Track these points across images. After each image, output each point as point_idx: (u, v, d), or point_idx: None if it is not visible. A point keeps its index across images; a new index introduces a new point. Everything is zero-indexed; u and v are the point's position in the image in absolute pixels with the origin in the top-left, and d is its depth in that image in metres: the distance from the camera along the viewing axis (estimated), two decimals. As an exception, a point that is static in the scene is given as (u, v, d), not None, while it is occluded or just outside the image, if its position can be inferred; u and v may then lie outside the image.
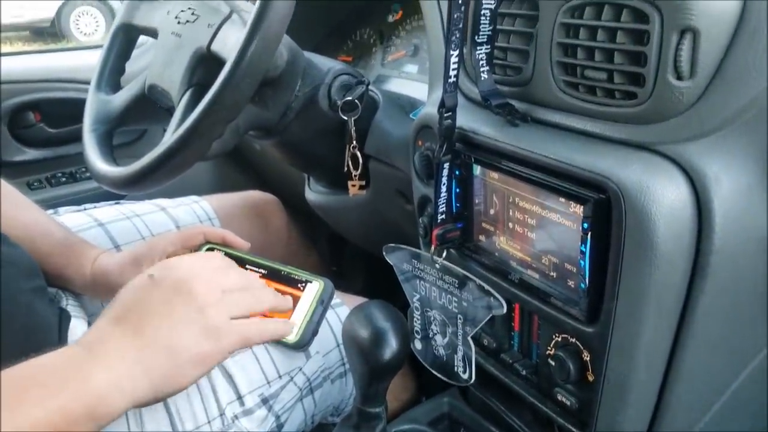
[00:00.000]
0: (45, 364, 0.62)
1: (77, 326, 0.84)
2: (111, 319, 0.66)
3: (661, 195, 0.60)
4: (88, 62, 1.58)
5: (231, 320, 0.68)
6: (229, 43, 0.84)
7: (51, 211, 1.08)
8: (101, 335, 0.65)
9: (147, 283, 0.69)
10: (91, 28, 8.59)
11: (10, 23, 8.49)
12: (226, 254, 0.88)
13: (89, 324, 0.87)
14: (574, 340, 0.71)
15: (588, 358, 0.70)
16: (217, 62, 0.82)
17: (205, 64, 0.88)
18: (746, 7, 0.59)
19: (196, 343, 0.66)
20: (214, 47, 0.86)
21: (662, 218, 0.60)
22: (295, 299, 0.82)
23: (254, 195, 1.37)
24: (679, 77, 0.61)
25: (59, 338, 0.79)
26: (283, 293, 0.83)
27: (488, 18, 0.76)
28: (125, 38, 1.04)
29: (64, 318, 0.83)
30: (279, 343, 0.80)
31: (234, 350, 0.68)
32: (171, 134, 0.82)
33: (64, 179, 1.68)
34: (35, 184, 1.65)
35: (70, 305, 0.89)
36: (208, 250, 0.89)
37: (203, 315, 0.67)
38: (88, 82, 1.04)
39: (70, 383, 0.60)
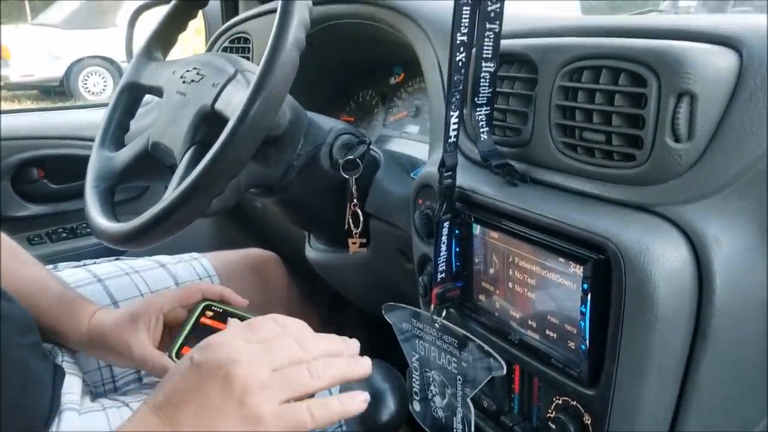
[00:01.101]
0: None
1: (72, 383, 0.82)
2: (151, 408, 0.60)
3: (661, 256, 0.60)
4: (92, 120, 1.60)
5: (280, 405, 0.59)
6: (233, 102, 0.85)
7: (51, 266, 1.08)
8: (139, 424, 0.60)
9: (187, 367, 0.61)
10: (99, 87, 8.75)
11: (19, 82, 8.66)
12: (224, 312, 0.88)
13: (85, 382, 0.86)
14: (574, 402, 0.70)
15: (589, 422, 0.69)
16: (221, 121, 0.83)
17: (209, 122, 0.88)
18: (743, 70, 0.61)
19: None
20: (218, 106, 0.87)
21: (662, 279, 0.60)
22: None
23: (254, 253, 1.37)
24: (677, 140, 0.61)
25: (53, 395, 0.78)
26: None
27: (488, 80, 0.77)
28: (131, 96, 1.05)
29: (58, 374, 0.82)
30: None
31: None
32: (172, 191, 0.82)
33: (64, 235, 1.68)
34: (36, 239, 1.64)
35: (65, 362, 0.88)
36: (205, 308, 0.89)
37: (243, 404, 0.58)
38: (92, 140, 1.04)
39: None
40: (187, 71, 0.94)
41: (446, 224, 0.79)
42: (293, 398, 0.60)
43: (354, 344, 0.68)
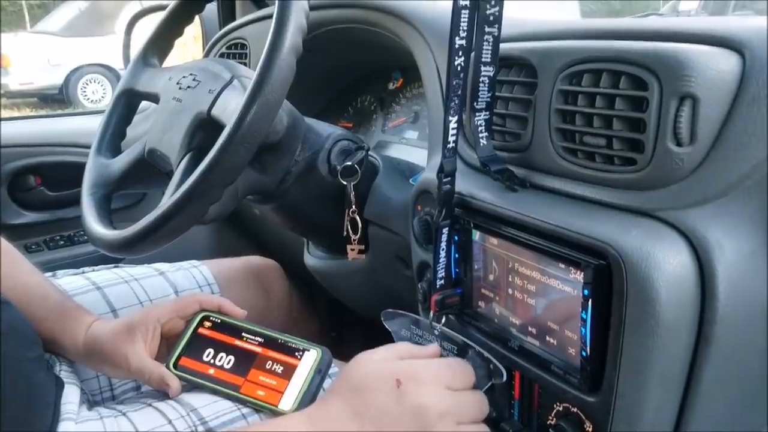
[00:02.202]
0: None
1: (70, 393, 0.82)
2: (350, 411, 0.67)
3: (663, 261, 0.59)
4: (89, 127, 1.59)
5: None
6: (229, 108, 0.85)
7: (49, 274, 1.07)
8: (333, 424, 0.67)
9: (392, 389, 0.67)
10: (98, 95, 8.77)
11: (18, 90, 8.67)
12: (222, 322, 0.87)
13: (82, 390, 0.85)
14: (575, 409, 0.69)
15: (590, 429, 0.68)
16: (217, 127, 0.82)
17: (205, 128, 0.88)
18: (746, 73, 0.60)
19: None
20: (214, 112, 0.87)
21: (664, 285, 0.59)
22: (292, 368, 0.80)
23: (254, 260, 1.36)
24: (679, 144, 0.61)
25: (54, 410, 0.77)
26: (280, 362, 0.81)
27: (487, 85, 0.77)
28: (127, 103, 1.05)
29: (58, 386, 0.81)
30: (275, 413, 0.78)
31: None
32: (168, 198, 0.82)
33: (62, 242, 1.67)
34: (33, 246, 1.64)
35: (63, 371, 0.87)
36: (203, 318, 0.88)
37: None
38: (89, 146, 1.04)
39: None
40: (184, 77, 0.94)
41: (445, 230, 0.78)
42: None
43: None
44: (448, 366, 0.72)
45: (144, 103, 1.09)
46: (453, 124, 0.74)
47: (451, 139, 0.75)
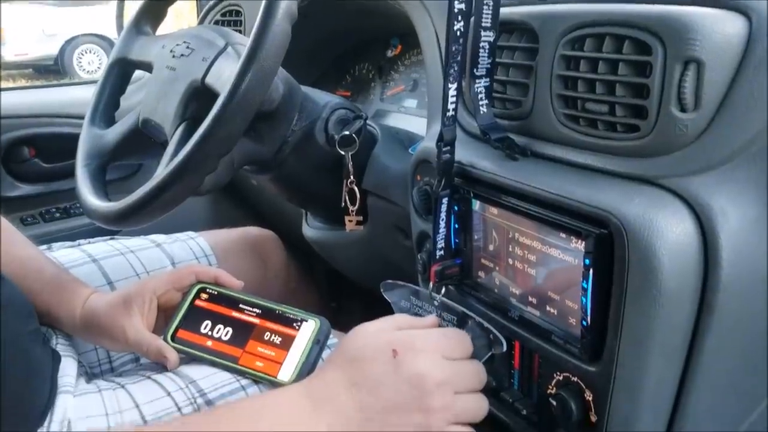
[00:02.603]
0: (266, 405, 0.68)
1: (67, 366, 0.81)
2: (347, 381, 0.67)
3: (666, 230, 0.58)
4: (83, 97, 1.58)
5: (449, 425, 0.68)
6: (223, 77, 0.83)
7: (44, 246, 1.06)
8: (330, 394, 0.67)
9: (389, 359, 0.67)
10: (94, 65, 8.70)
11: (13, 61, 8.60)
12: (219, 294, 0.87)
13: (80, 363, 0.84)
14: (576, 379, 0.69)
15: (590, 398, 0.68)
16: (211, 96, 0.81)
17: (199, 97, 0.87)
18: (752, 37, 0.59)
19: None
20: (209, 80, 0.85)
21: (667, 253, 0.58)
22: (291, 339, 0.80)
23: (252, 231, 1.35)
24: (683, 109, 0.60)
25: (52, 385, 0.77)
26: (278, 333, 0.81)
27: (487, 51, 0.75)
28: (120, 72, 1.04)
29: (55, 359, 0.81)
30: (273, 384, 0.78)
31: None
32: (163, 169, 0.81)
33: (57, 215, 1.66)
34: (29, 219, 1.63)
35: (60, 344, 0.86)
36: (200, 290, 0.87)
37: (427, 419, 0.66)
38: (83, 117, 1.03)
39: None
40: (177, 45, 0.92)
41: (445, 200, 0.78)
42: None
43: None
44: (445, 336, 0.71)
45: (138, 73, 1.07)
46: (452, 92, 0.73)
47: (450, 106, 0.73)
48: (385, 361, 0.67)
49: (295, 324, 0.81)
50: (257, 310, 0.84)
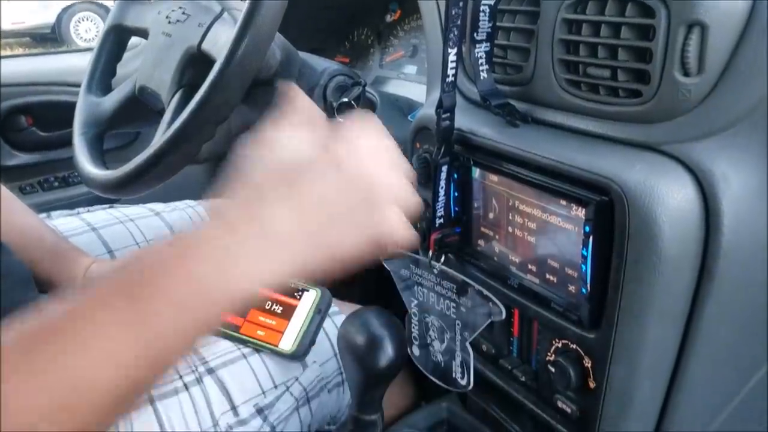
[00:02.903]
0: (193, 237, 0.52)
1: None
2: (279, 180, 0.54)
3: (667, 196, 0.58)
4: (80, 65, 1.56)
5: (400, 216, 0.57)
6: (220, 42, 0.82)
7: (44, 215, 1.06)
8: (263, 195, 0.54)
9: (328, 161, 0.55)
10: (91, 33, 8.62)
11: (10, 29, 8.52)
12: None
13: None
14: (574, 346, 0.69)
15: (589, 365, 0.68)
16: (208, 62, 0.80)
17: (196, 64, 0.86)
18: (756, 2, 0.57)
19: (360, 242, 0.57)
20: (205, 46, 0.84)
21: (668, 220, 0.58)
22: (292, 308, 0.80)
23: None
24: (687, 74, 0.59)
25: None
26: (279, 302, 0.81)
27: (487, 15, 0.74)
28: (116, 39, 1.03)
29: None
30: (275, 353, 0.78)
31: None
32: (160, 136, 0.80)
33: (56, 184, 1.66)
34: (27, 188, 1.63)
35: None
36: None
37: (380, 218, 0.56)
38: (80, 85, 1.02)
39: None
40: (173, 11, 0.91)
41: (444, 168, 0.77)
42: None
43: None
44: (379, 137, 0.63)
45: (135, 39, 1.06)
46: (452, 57, 0.71)
47: (450, 72, 0.72)
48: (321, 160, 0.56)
49: (296, 294, 0.81)
50: None
